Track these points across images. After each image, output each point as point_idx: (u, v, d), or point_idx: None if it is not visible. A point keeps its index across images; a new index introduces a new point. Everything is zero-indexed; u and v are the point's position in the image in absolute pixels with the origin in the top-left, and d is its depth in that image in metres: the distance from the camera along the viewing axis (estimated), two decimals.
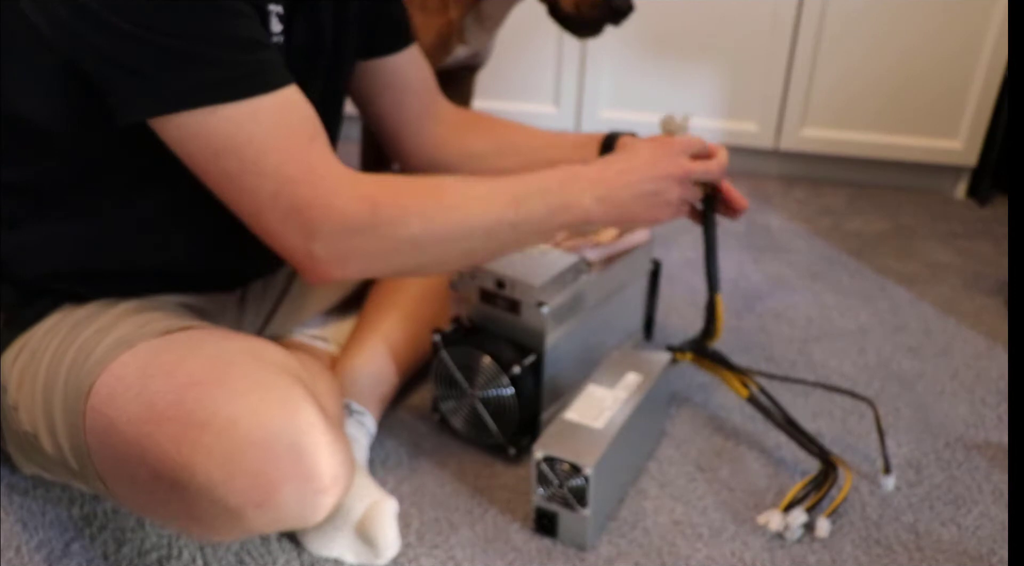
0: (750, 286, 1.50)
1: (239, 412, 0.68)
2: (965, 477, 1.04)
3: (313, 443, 0.69)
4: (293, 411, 0.69)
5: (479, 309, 1.00)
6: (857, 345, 1.32)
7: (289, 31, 0.81)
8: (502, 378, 0.96)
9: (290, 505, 0.69)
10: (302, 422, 0.69)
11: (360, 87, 1.03)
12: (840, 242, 1.70)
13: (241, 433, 0.67)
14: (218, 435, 0.67)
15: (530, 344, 0.97)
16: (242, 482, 0.67)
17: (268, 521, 0.70)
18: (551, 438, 0.89)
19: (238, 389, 0.69)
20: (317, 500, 0.70)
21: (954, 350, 1.32)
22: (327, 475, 0.70)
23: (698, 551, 0.91)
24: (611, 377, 0.99)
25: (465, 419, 1.02)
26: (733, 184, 1.03)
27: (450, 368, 1.00)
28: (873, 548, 0.92)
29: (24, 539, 0.89)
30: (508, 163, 1.10)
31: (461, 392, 1.01)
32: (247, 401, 0.68)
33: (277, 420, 0.68)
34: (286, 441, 0.68)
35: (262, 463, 0.67)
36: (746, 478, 1.02)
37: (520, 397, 0.96)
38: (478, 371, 0.98)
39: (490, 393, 0.98)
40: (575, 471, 0.86)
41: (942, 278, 1.56)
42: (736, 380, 1.05)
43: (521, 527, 0.93)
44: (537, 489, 0.90)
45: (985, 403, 1.19)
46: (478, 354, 0.97)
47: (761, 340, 1.32)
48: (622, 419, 0.92)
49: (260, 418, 0.68)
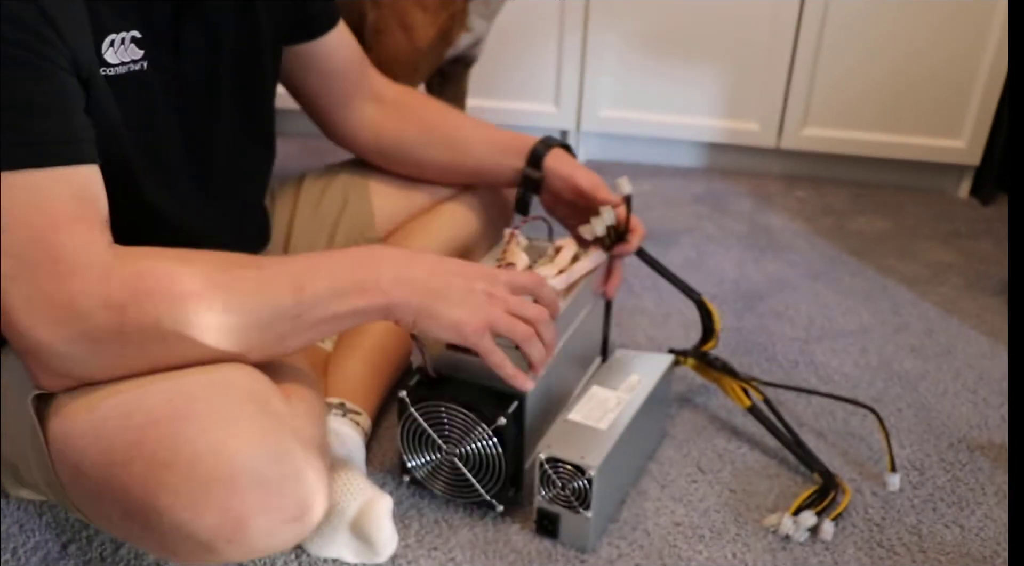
0: (751, 286, 1.49)
1: (202, 449, 0.66)
2: (968, 478, 1.03)
3: (281, 474, 0.67)
4: (259, 443, 0.67)
5: (446, 357, 0.89)
6: (859, 345, 1.31)
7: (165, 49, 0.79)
8: (484, 431, 0.87)
9: (262, 537, 0.67)
10: (269, 454, 0.67)
11: (284, 72, 1.02)
12: (842, 242, 1.69)
13: (206, 470, 0.65)
14: (182, 474, 0.65)
15: (509, 390, 0.86)
16: (211, 519, 0.65)
17: (243, 553, 0.68)
18: (555, 439, 0.88)
19: (201, 425, 0.67)
20: (290, 530, 0.69)
21: (957, 350, 1.31)
22: (298, 505, 0.68)
23: (699, 553, 0.90)
24: (614, 378, 0.99)
25: (443, 479, 0.93)
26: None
27: (422, 426, 0.90)
28: (876, 550, 0.91)
29: (21, 541, 0.89)
30: (436, 154, 1.09)
31: (436, 451, 0.91)
32: (211, 437, 0.66)
33: (242, 454, 0.66)
34: (252, 475, 0.66)
35: (229, 499, 0.65)
36: (748, 480, 1.01)
37: (505, 449, 0.87)
38: (456, 426, 0.88)
39: (471, 449, 0.89)
40: (579, 472, 0.85)
41: (945, 278, 1.56)
42: (738, 389, 1.04)
43: (521, 528, 0.92)
44: (539, 490, 0.89)
45: (988, 404, 1.18)
46: (454, 408, 0.87)
47: (762, 340, 1.32)
48: (625, 420, 0.91)
49: (224, 453, 0.66)
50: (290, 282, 0.73)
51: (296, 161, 1.98)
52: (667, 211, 1.81)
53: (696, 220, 1.76)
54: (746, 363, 1.25)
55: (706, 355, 1.07)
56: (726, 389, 1.06)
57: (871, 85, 1.89)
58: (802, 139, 1.96)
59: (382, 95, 1.10)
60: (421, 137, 1.09)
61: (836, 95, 1.91)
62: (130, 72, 0.77)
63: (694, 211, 1.81)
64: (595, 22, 1.92)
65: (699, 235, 1.69)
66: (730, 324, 1.36)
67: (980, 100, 1.85)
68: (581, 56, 1.96)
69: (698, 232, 1.71)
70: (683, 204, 1.84)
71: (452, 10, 1.27)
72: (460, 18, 1.29)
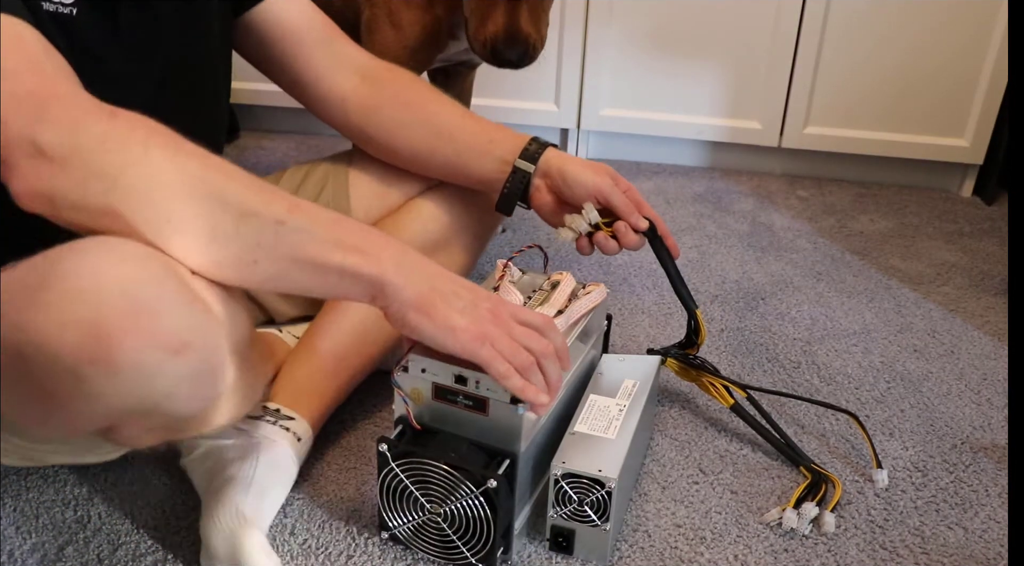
0: (753, 286, 1.49)
1: (80, 266, 0.61)
2: (971, 479, 1.02)
3: (155, 296, 0.62)
4: (138, 266, 0.63)
5: (432, 408, 0.83)
6: (862, 345, 1.31)
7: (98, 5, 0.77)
8: (471, 492, 0.80)
9: (130, 364, 0.61)
10: (146, 274, 0.63)
11: (245, 47, 1.00)
12: (844, 241, 1.68)
13: (74, 283, 0.61)
14: (52, 289, 0.61)
15: (501, 446, 0.81)
16: (74, 333, 0.60)
17: (114, 385, 0.62)
18: (566, 453, 0.86)
19: (89, 250, 0.63)
20: (163, 361, 0.62)
21: (960, 351, 1.30)
22: (173, 333, 0.62)
23: (700, 555, 0.90)
24: (609, 385, 0.97)
25: (426, 540, 0.86)
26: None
27: (405, 483, 0.83)
28: (878, 551, 0.91)
29: (17, 543, 0.88)
30: (413, 135, 1.03)
31: (420, 510, 0.84)
32: (91, 257, 0.62)
33: (116, 270, 0.62)
34: (121, 291, 0.61)
35: (94, 312, 0.60)
36: (749, 481, 1.01)
37: (494, 511, 0.80)
38: (440, 485, 0.81)
39: (457, 509, 0.81)
40: (597, 486, 0.83)
41: (948, 277, 1.55)
42: (720, 387, 1.05)
43: (529, 542, 0.91)
44: (553, 507, 0.86)
45: (992, 404, 1.17)
46: (439, 466, 0.80)
47: (764, 341, 1.31)
48: (632, 427, 0.90)
49: (99, 269, 0.61)
50: (286, 199, 0.69)
51: (293, 160, 1.98)
52: (668, 210, 1.80)
53: (697, 219, 1.76)
54: (748, 364, 1.25)
55: (686, 356, 1.07)
56: (707, 388, 1.06)
57: (873, 83, 1.89)
58: (804, 138, 1.96)
59: (362, 67, 1.04)
60: (397, 115, 1.02)
61: (838, 93, 1.91)
62: (58, 13, 0.74)
63: (695, 210, 1.80)
64: (595, 20, 1.91)
65: (700, 234, 1.69)
66: (732, 324, 1.35)
67: (983, 98, 1.84)
68: (582, 54, 1.95)
69: (699, 231, 1.70)
70: (684, 203, 1.84)
71: (437, 12, 1.28)
72: (447, 24, 1.30)
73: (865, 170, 2.02)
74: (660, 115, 1.99)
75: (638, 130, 2.01)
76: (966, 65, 1.83)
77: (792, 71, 1.90)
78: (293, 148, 2.03)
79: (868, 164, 2.01)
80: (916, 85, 1.87)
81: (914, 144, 1.92)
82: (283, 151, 2.00)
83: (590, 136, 2.07)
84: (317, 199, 1.09)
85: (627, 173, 1.98)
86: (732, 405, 1.05)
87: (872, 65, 1.87)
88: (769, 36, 1.87)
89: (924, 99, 1.88)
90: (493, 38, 1.16)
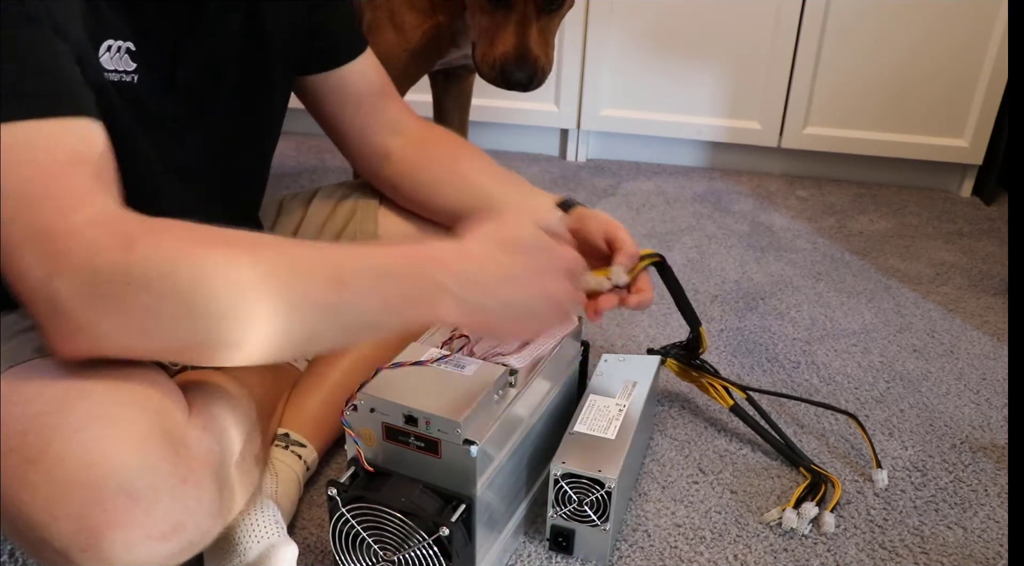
0: (753, 286, 1.49)
1: (69, 449, 0.61)
2: (971, 479, 1.02)
3: (149, 486, 0.61)
4: (134, 450, 0.62)
5: (383, 448, 0.78)
6: (861, 345, 1.31)
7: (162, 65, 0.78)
8: (423, 540, 0.75)
9: (121, 552, 0.61)
10: (142, 462, 0.61)
11: (298, 94, 1.01)
12: (844, 241, 1.69)
13: (67, 472, 0.60)
14: (44, 473, 0.60)
15: (456, 489, 0.76)
16: (66, 525, 0.60)
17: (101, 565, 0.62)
18: (566, 453, 0.86)
19: (75, 423, 0.61)
20: (155, 548, 0.62)
21: (959, 350, 1.30)
22: (165, 521, 0.62)
23: (700, 554, 0.90)
24: (609, 385, 0.98)
25: None
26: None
27: (355, 530, 0.78)
28: (878, 551, 0.91)
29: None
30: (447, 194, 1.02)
31: (373, 557, 0.79)
32: (80, 437, 0.61)
33: (109, 459, 0.61)
34: (117, 483, 0.60)
35: (86, 506, 0.60)
36: (749, 481, 1.01)
37: (450, 560, 0.75)
38: (393, 532, 0.76)
39: (411, 557, 0.76)
40: (597, 486, 0.84)
41: (947, 277, 1.55)
42: (719, 388, 1.05)
43: (528, 541, 0.91)
44: (553, 507, 0.86)
45: (991, 404, 1.17)
46: (390, 512, 0.75)
47: (764, 341, 1.31)
48: (632, 427, 0.90)
49: (90, 457, 0.60)
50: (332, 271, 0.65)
51: (293, 160, 1.98)
52: (668, 210, 1.80)
53: (697, 219, 1.76)
54: (748, 364, 1.25)
55: (686, 358, 1.07)
56: (707, 389, 1.06)
57: (873, 84, 1.89)
58: (804, 138, 1.96)
59: (403, 128, 1.05)
60: (437, 176, 1.03)
61: (838, 94, 1.91)
62: (121, 82, 0.75)
63: (695, 210, 1.80)
64: (596, 20, 1.91)
65: (700, 234, 1.69)
66: (731, 324, 1.36)
67: (983, 99, 1.84)
68: (582, 54, 1.95)
69: (699, 231, 1.70)
70: (684, 203, 1.84)
71: (439, 18, 1.29)
72: (448, 31, 1.31)
73: (865, 170, 2.02)
74: (660, 115, 1.99)
75: (638, 130, 2.01)
76: (965, 65, 1.83)
77: (792, 71, 1.90)
78: (293, 148, 2.03)
79: (867, 164, 2.01)
80: (915, 85, 1.87)
81: (913, 144, 1.92)
82: (283, 151, 2.00)
83: (590, 136, 2.07)
84: (345, 228, 1.09)
85: (627, 173, 1.99)
86: (732, 406, 1.05)
87: (871, 65, 1.87)
88: (769, 36, 1.88)
89: (923, 99, 1.88)
90: (503, 59, 1.18)
